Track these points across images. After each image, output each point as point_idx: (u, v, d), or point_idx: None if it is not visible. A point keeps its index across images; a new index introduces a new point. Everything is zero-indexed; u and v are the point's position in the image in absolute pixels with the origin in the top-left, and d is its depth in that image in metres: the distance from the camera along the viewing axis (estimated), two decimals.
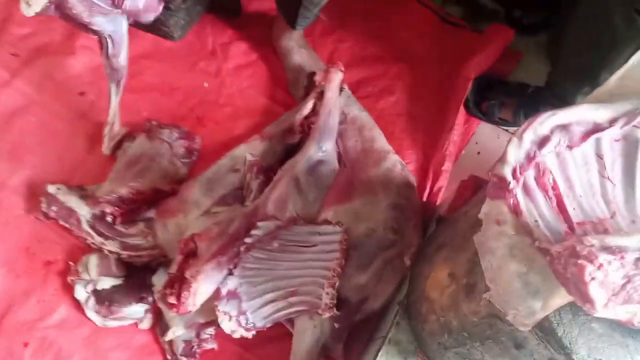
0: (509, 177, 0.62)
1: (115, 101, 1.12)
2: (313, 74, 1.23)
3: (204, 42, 1.29)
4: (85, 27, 0.98)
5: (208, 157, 1.18)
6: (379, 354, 0.88)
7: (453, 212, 0.93)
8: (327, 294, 0.93)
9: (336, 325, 0.96)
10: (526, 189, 0.62)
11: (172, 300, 0.93)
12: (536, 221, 0.60)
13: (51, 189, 1.09)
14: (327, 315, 0.93)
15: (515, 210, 0.60)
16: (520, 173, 0.62)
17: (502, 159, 0.63)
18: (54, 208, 1.08)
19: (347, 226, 1.00)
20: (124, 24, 1.02)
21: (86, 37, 1.25)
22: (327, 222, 1.01)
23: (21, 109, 1.20)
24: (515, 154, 0.63)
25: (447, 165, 1.19)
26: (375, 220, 1.02)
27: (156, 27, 1.14)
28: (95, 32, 0.99)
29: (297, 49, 1.23)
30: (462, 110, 1.24)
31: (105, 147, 1.16)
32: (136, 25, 1.11)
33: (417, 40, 1.32)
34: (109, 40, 1.01)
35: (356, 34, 1.32)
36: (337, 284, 0.94)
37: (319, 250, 0.99)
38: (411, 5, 1.36)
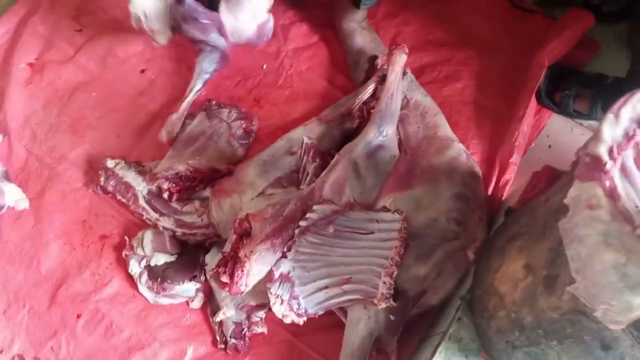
0: (605, 156, 0.55)
1: (191, 98, 1.13)
2: (375, 57, 1.18)
3: None
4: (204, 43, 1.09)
5: (264, 139, 1.16)
6: (438, 350, 0.82)
7: (525, 203, 0.87)
8: (385, 283, 0.89)
9: (392, 317, 0.91)
10: (624, 171, 0.55)
11: (224, 279, 0.90)
12: (637, 206, 0.53)
13: (110, 163, 1.09)
14: (383, 305, 0.88)
15: (612, 194, 0.54)
16: (618, 153, 0.56)
17: (596, 137, 0.57)
18: (112, 182, 1.08)
19: (407, 214, 0.95)
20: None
21: None
22: (385, 209, 0.97)
23: (83, 84, 1.22)
24: (611, 131, 0.57)
25: (516, 158, 1.11)
26: (437, 210, 0.96)
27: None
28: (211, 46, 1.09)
29: (359, 31, 1.18)
30: (532, 100, 1.16)
31: (163, 135, 1.13)
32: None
33: (485, 25, 1.25)
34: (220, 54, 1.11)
35: (421, 18, 1.27)
36: (395, 273, 0.89)
37: (376, 238, 0.94)
38: None
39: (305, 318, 0.94)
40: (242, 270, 0.91)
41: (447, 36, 1.25)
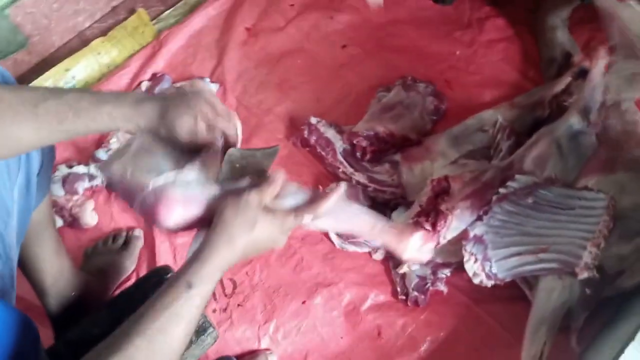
0: None
1: None
2: (570, 55, 1.22)
3: (461, 15, 1.35)
4: None
5: (452, 118, 1.23)
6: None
7: None
8: (590, 252, 0.90)
9: (587, 291, 0.92)
10: None
11: (427, 226, 0.96)
12: None
13: (313, 120, 1.20)
14: (584, 275, 0.89)
15: None
16: None
17: None
18: (314, 137, 1.19)
19: (612, 195, 0.96)
20: None
21: None
22: (587, 188, 0.99)
23: (290, 51, 1.35)
24: None
25: None
26: None
27: None
28: None
29: (562, 28, 1.23)
30: None
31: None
32: None
33: None
34: None
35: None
36: (602, 245, 0.90)
37: (577, 213, 0.96)
38: None
39: (493, 281, 0.97)
40: (445, 221, 0.97)
41: None
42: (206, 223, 0.65)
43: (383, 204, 1.14)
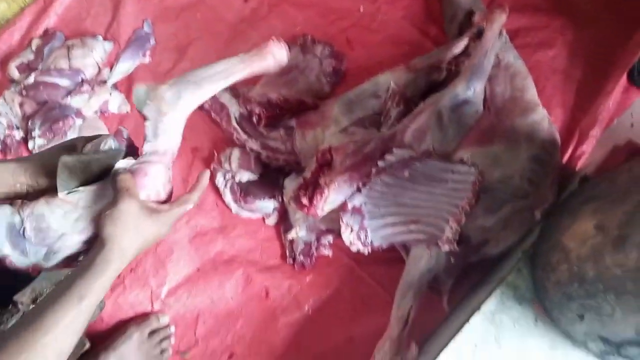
0: None
1: None
2: (472, 13, 1.20)
3: None
4: None
5: (351, 79, 1.22)
6: (494, 292, 0.89)
7: (601, 173, 0.90)
8: (451, 228, 0.95)
9: (452, 260, 0.98)
10: None
11: (304, 201, 0.99)
12: None
13: None
14: (446, 248, 0.94)
15: None
16: None
17: None
18: (208, 101, 1.17)
19: (483, 169, 0.99)
20: None
21: None
22: (462, 161, 1.01)
23: (190, 6, 1.30)
24: None
25: (596, 131, 1.12)
26: (513, 169, 1.00)
27: None
28: None
29: None
30: (623, 77, 1.15)
31: None
32: None
33: None
34: None
35: None
36: (463, 221, 0.95)
37: (449, 187, 1.00)
38: None
39: (369, 249, 1.02)
40: (321, 196, 0.99)
41: (546, 3, 1.24)
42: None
43: (277, 170, 1.16)
